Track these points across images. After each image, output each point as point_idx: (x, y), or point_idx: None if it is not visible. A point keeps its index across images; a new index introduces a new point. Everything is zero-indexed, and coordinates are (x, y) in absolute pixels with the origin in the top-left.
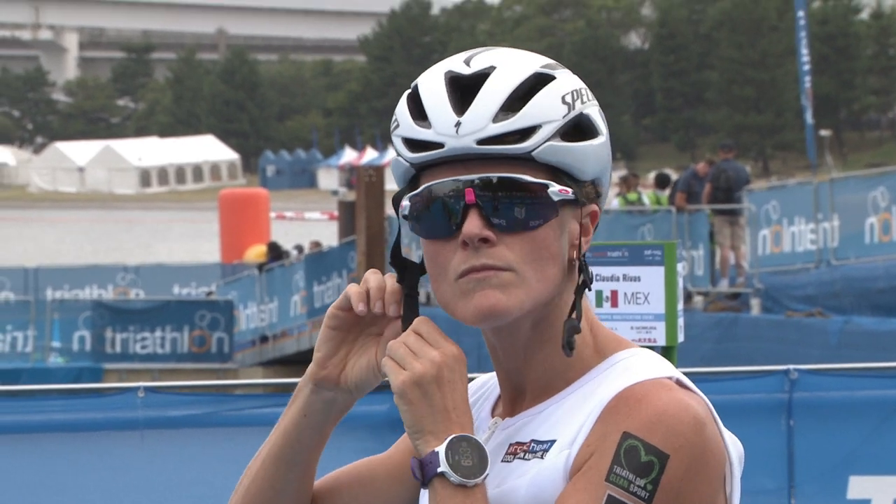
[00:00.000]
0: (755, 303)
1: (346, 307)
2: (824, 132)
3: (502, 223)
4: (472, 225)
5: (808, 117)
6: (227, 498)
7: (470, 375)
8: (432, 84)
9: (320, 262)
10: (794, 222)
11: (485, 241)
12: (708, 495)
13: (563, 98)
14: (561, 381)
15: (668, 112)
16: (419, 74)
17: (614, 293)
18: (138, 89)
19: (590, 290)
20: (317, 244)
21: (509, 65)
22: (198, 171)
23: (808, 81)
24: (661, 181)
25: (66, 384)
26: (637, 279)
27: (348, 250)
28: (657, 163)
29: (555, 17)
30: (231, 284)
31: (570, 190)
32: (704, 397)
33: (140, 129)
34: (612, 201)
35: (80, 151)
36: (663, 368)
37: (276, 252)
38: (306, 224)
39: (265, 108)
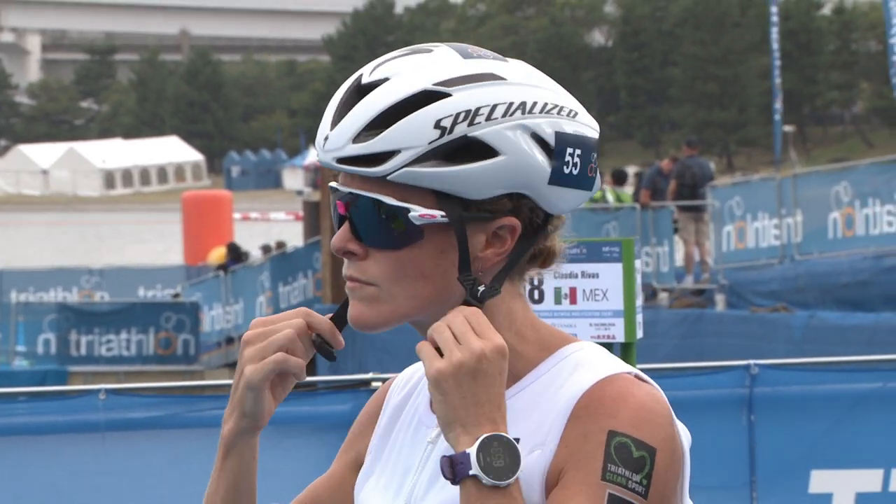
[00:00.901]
0: (720, 299)
1: (275, 369)
2: (788, 128)
3: (371, 239)
4: (338, 237)
5: (777, 113)
6: (189, 500)
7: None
8: (342, 87)
9: (286, 263)
10: (758, 218)
11: (351, 253)
12: (679, 484)
13: (437, 122)
14: (510, 376)
15: (632, 109)
16: None
17: (573, 290)
18: (102, 91)
19: (479, 304)
20: (281, 245)
21: (402, 78)
22: (162, 173)
23: (777, 76)
24: (618, 177)
25: (31, 387)
26: (595, 276)
27: (313, 251)
28: (621, 160)
29: (518, 15)
30: (196, 286)
31: (436, 214)
32: (660, 390)
33: (104, 130)
34: None
35: (43, 154)
36: (617, 362)
37: (235, 253)
38: (272, 224)
39: (229, 109)
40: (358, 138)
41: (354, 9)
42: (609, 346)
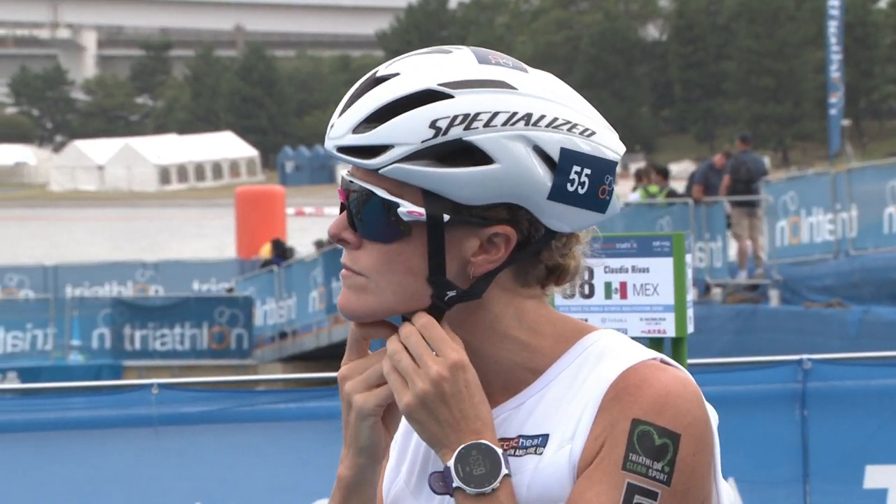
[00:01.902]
0: (774, 294)
1: (387, 399)
2: (844, 122)
3: (363, 230)
4: (334, 224)
5: (833, 107)
6: (239, 493)
7: None
8: (362, 78)
9: (338, 258)
10: (813, 213)
11: (345, 241)
12: (711, 465)
13: (433, 122)
14: (528, 373)
15: (686, 103)
16: None
17: (623, 285)
18: (157, 87)
19: (445, 306)
20: None
21: (410, 75)
22: (217, 168)
23: (834, 70)
24: (661, 172)
25: (86, 382)
26: (646, 270)
27: None
28: (676, 154)
29: (572, 10)
30: (249, 281)
31: (423, 212)
32: (688, 374)
33: (159, 126)
34: (631, 195)
35: (99, 150)
36: (641, 349)
37: (280, 249)
38: (326, 220)
39: (283, 104)
40: (357, 129)
41: (408, 4)
42: (660, 341)
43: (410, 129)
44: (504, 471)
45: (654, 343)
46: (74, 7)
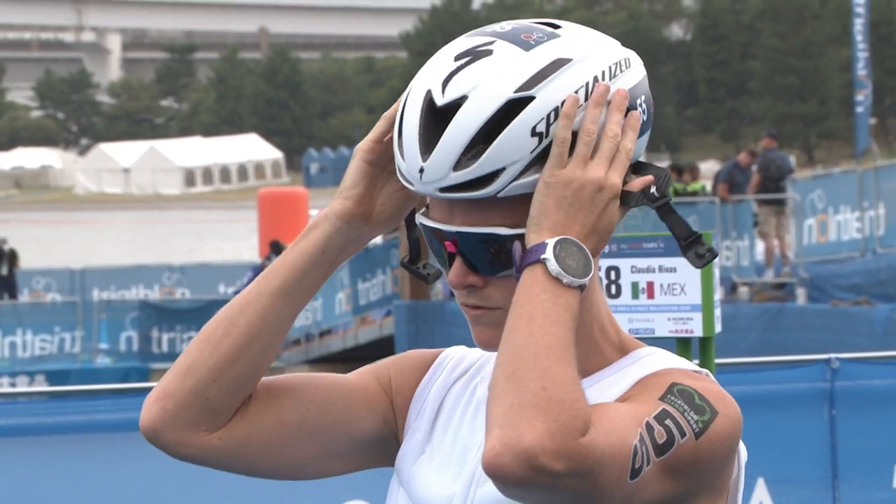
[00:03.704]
0: (801, 292)
1: (379, 138)
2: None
3: (489, 270)
4: (455, 275)
5: (860, 105)
6: (266, 495)
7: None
8: (412, 106)
9: (364, 260)
10: (840, 211)
11: (472, 286)
12: (728, 478)
13: (533, 129)
14: (591, 365)
15: (711, 102)
16: None
17: (650, 284)
18: (181, 89)
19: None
20: None
21: (480, 93)
22: (242, 171)
23: (861, 68)
24: (677, 171)
25: (114, 384)
26: (673, 270)
27: (391, 247)
28: (701, 153)
29: (596, 10)
30: None
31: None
32: None
33: (184, 129)
34: None
35: (124, 153)
36: (689, 364)
37: (277, 250)
38: None
39: (308, 106)
40: (458, 166)
41: (432, 5)
42: (687, 341)
43: (515, 147)
44: (592, 274)
45: (682, 343)
46: (99, 10)
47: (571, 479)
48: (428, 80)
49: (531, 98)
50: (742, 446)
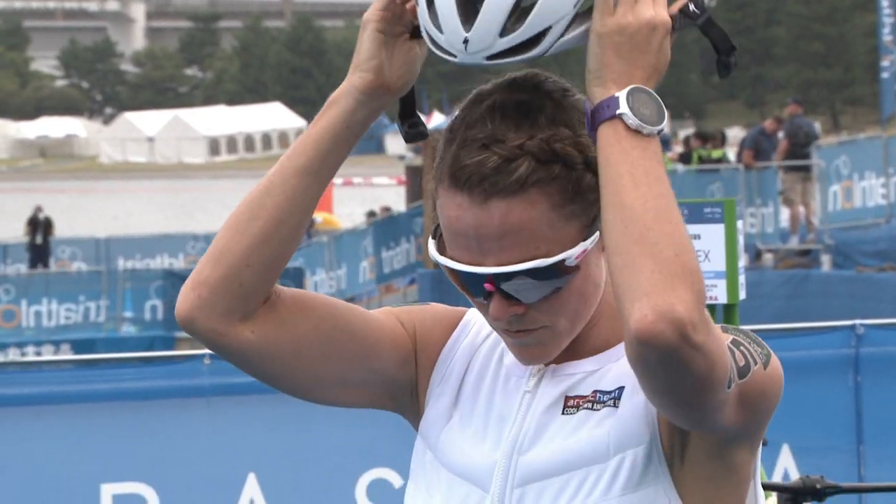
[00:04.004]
0: (826, 259)
1: (387, 6)
2: None
3: (529, 299)
4: (498, 312)
5: (885, 71)
6: (289, 462)
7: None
8: None
9: (388, 228)
10: (865, 177)
11: (516, 315)
12: (763, 432)
13: None
14: (613, 338)
15: (736, 70)
16: None
17: None
18: (205, 58)
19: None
20: (387, 209)
21: None
22: (266, 139)
23: (887, 34)
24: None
25: (139, 353)
26: (697, 237)
27: (415, 215)
28: (726, 120)
29: None
30: (300, 251)
31: (586, 249)
32: None
33: (208, 98)
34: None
35: (149, 121)
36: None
37: None
38: (375, 189)
39: (332, 75)
40: (504, 31)
41: None
42: (711, 308)
43: (559, 2)
44: (666, 119)
45: (707, 310)
46: None
47: (703, 358)
48: None
49: None
50: None
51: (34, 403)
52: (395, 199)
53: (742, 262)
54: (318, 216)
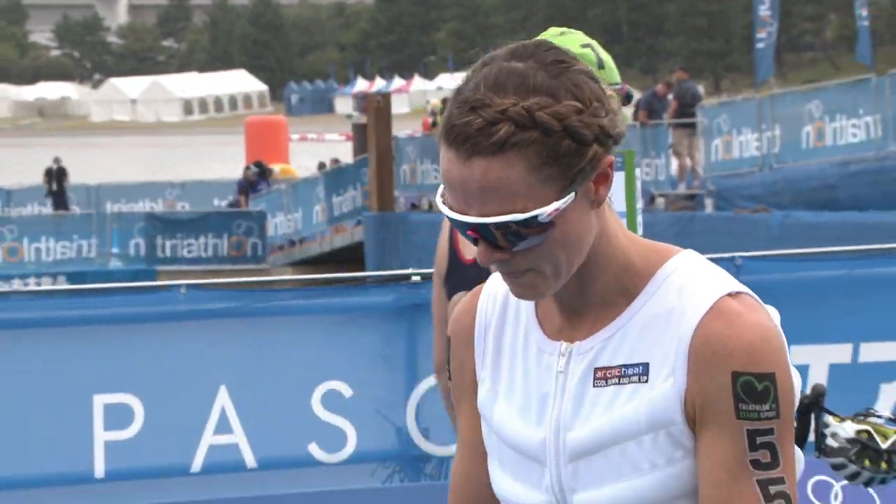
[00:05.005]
0: (709, 202)
1: None
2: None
3: (510, 246)
4: (482, 256)
5: (760, 41)
6: (255, 376)
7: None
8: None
9: (338, 177)
10: (742, 132)
11: (499, 260)
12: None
13: None
14: (620, 297)
15: (632, 41)
16: (421, 14)
17: None
18: (180, 31)
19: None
20: (336, 161)
21: None
22: (233, 101)
23: (765, 10)
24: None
25: (124, 283)
26: None
27: (361, 166)
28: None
29: None
30: (262, 197)
31: (558, 208)
32: (755, 296)
33: (182, 65)
34: None
35: (132, 86)
36: (715, 282)
37: (261, 169)
38: (326, 144)
39: (288, 46)
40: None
41: None
42: None
43: None
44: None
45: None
46: None
47: None
48: None
49: None
50: (773, 313)
51: (35, 326)
52: (344, 153)
53: (640, 204)
54: (277, 167)
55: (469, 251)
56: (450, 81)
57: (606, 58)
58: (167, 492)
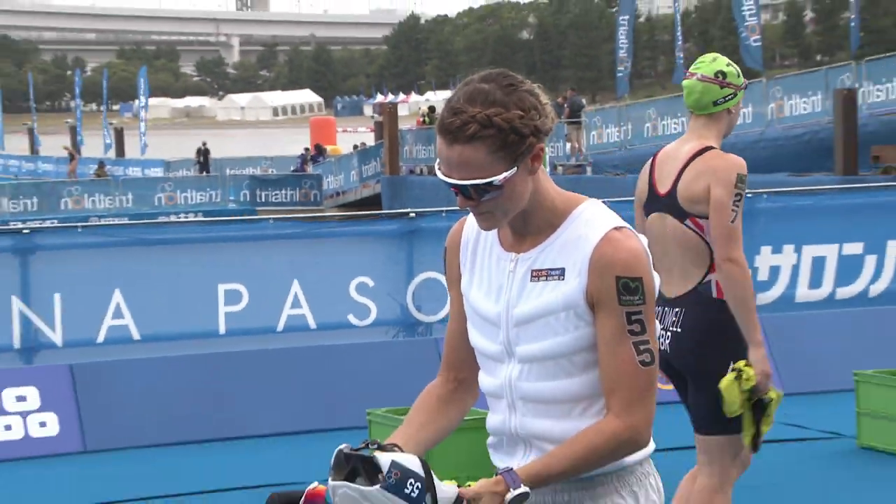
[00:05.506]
0: (589, 170)
1: None
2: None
3: (478, 198)
4: (460, 203)
5: (621, 73)
6: (316, 272)
7: None
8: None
9: (365, 154)
10: (608, 127)
11: (471, 204)
12: (653, 287)
13: None
14: (548, 228)
15: (543, 72)
16: (416, 55)
17: None
18: (271, 65)
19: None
20: (363, 144)
21: None
22: (302, 108)
23: (623, 52)
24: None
25: (236, 217)
26: None
27: (380, 147)
28: None
29: (489, 21)
30: (318, 165)
31: (506, 177)
32: (632, 228)
33: (272, 86)
34: None
35: (241, 99)
36: (608, 220)
37: (319, 150)
38: (359, 134)
39: (336, 75)
40: None
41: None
42: None
43: None
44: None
45: (602, 207)
46: None
47: None
48: None
49: None
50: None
51: (184, 244)
52: (369, 139)
53: (547, 170)
54: (328, 147)
55: (663, 186)
56: (433, 97)
57: (738, 70)
58: (263, 343)
